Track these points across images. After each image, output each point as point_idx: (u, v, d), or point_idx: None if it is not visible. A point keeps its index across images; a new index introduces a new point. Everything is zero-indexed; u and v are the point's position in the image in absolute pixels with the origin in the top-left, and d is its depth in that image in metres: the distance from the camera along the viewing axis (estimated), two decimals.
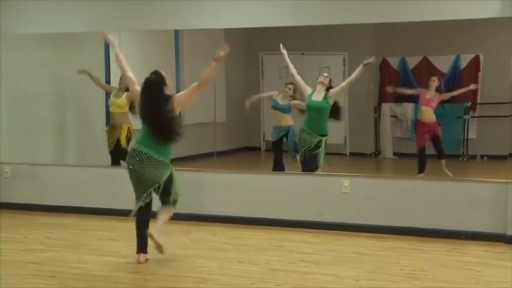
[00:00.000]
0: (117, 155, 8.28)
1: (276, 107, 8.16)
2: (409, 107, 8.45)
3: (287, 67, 7.79)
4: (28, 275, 5.47)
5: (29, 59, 8.38)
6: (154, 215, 5.92)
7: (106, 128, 8.44)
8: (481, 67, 8.11)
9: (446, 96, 7.81)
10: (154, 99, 5.60)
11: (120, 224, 7.45)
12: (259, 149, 9.20)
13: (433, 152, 8.04)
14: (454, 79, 8.19)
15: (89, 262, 5.88)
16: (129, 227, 7.30)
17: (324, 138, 7.52)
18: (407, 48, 8.34)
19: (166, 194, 5.77)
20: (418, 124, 7.92)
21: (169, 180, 5.75)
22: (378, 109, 8.55)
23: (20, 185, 8.28)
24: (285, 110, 8.09)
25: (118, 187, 7.86)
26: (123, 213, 7.69)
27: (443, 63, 8.22)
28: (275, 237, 6.81)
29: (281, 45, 7.66)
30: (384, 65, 8.52)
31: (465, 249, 6.27)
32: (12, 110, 8.35)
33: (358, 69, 7.45)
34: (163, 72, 5.71)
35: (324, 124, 7.59)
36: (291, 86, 8.07)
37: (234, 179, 7.54)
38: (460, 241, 6.53)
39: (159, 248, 5.69)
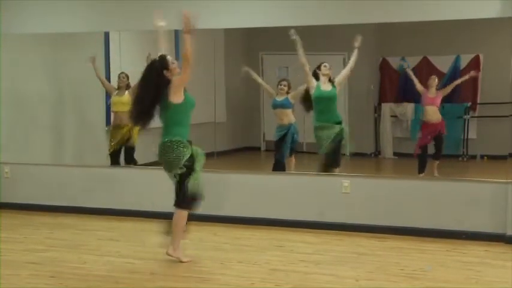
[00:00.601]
0: (120, 154, 8.24)
1: (276, 105, 8.08)
2: (409, 107, 8.45)
3: (299, 56, 7.59)
4: (28, 275, 5.47)
5: (29, 59, 8.38)
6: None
7: (106, 128, 8.45)
8: (481, 67, 8.11)
9: (449, 88, 7.78)
10: (149, 81, 5.59)
11: (120, 224, 7.46)
12: (259, 149, 9.19)
13: (431, 151, 8.05)
14: (454, 79, 8.18)
15: (89, 262, 5.88)
16: (129, 227, 7.32)
17: (342, 126, 7.48)
18: (407, 48, 8.34)
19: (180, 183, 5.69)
20: (424, 125, 7.86)
21: (188, 166, 5.67)
22: (378, 109, 8.54)
23: (20, 185, 8.28)
24: (286, 105, 8.00)
25: (118, 187, 7.89)
26: (123, 213, 7.74)
27: (443, 63, 8.21)
28: (275, 237, 6.81)
29: (292, 31, 7.54)
30: (384, 65, 8.52)
31: (465, 249, 6.27)
32: (12, 110, 8.36)
33: (354, 54, 7.45)
34: (168, 57, 5.67)
35: (336, 112, 7.56)
36: (285, 83, 8.03)
37: (234, 179, 7.54)
38: (460, 241, 6.53)
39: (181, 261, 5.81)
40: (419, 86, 7.85)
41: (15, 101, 8.37)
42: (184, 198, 5.70)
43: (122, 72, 8.25)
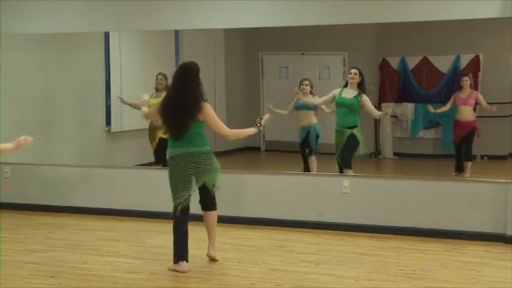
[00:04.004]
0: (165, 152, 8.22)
1: (299, 107, 8.03)
2: (409, 107, 8.46)
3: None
4: (28, 275, 5.47)
5: (29, 59, 8.37)
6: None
7: (106, 128, 8.46)
8: (481, 67, 8.12)
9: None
10: None
11: (120, 224, 7.46)
12: (259, 149, 9.20)
13: (431, 152, 8.07)
14: (453, 79, 8.20)
15: (89, 262, 5.88)
16: (129, 227, 7.32)
17: (353, 131, 7.42)
18: (407, 48, 8.35)
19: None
20: (456, 123, 7.88)
21: None
22: (378, 109, 8.55)
23: (20, 185, 8.28)
24: (308, 107, 7.98)
25: (118, 187, 7.88)
26: (123, 213, 7.74)
27: (443, 63, 8.23)
28: (275, 237, 6.81)
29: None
30: (384, 65, 8.53)
31: (465, 249, 6.26)
32: (12, 109, 8.34)
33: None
34: None
35: (352, 117, 7.48)
36: (307, 82, 7.95)
37: (234, 179, 7.54)
38: (460, 241, 6.53)
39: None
40: (450, 103, 7.86)
41: (15, 101, 8.36)
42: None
43: (160, 73, 8.08)
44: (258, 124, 5.71)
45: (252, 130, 5.73)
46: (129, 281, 5.36)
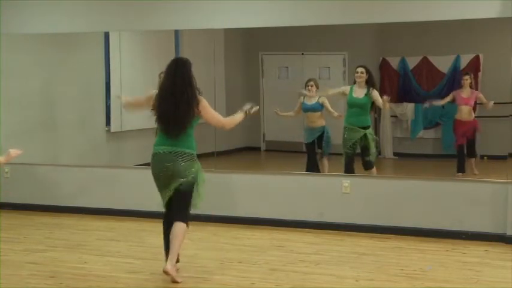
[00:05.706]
0: None
1: (307, 109, 8.05)
2: (409, 107, 8.46)
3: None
4: (28, 275, 5.48)
5: (29, 59, 8.37)
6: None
7: (106, 128, 8.46)
8: (481, 67, 8.11)
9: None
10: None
11: (120, 224, 7.47)
12: (259, 149, 9.20)
13: (431, 152, 8.06)
14: (453, 79, 8.19)
15: (89, 262, 5.88)
16: (129, 227, 7.32)
17: (367, 131, 7.52)
18: (407, 48, 8.35)
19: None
20: (456, 123, 7.90)
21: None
22: (378, 109, 8.54)
23: (20, 185, 8.28)
24: (316, 108, 8.00)
25: (118, 187, 7.88)
26: (123, 213, 7.74)
27: (443, 63, 8.22)
28: (275, 237, 6.81)
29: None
30: (384, 65, 8.53)
31: (465, 249, 6.27)
32: (12, 109, 8.34)
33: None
34: None
35: (364, 117, 7.59)
36: (312, 83, 7.97)
37: (234, 179, 7.54)
38: (460, 241, 6.53)
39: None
40: (449, 98, 7.86)
41: (15, 101, 8.36)
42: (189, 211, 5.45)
43: (163, 72, 8.04)
44: (247, 112, 5.61)
45: (241, 115, 5.60)
46: (129, 281, 5.37)
